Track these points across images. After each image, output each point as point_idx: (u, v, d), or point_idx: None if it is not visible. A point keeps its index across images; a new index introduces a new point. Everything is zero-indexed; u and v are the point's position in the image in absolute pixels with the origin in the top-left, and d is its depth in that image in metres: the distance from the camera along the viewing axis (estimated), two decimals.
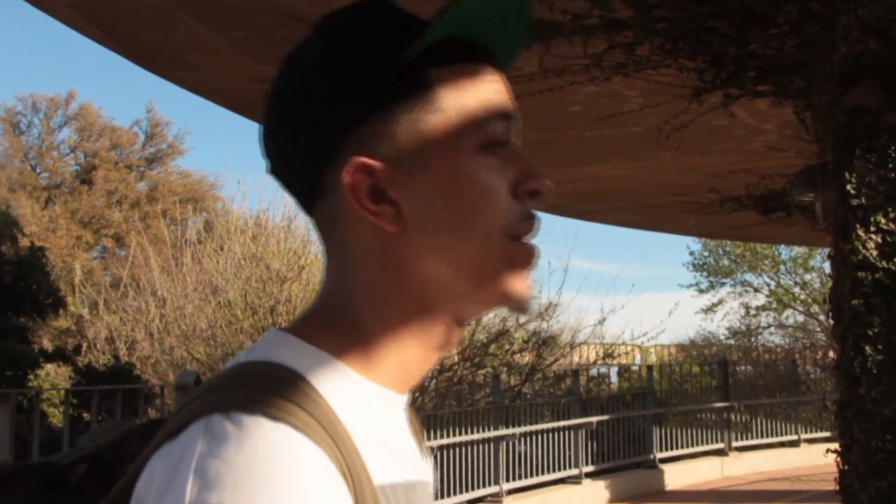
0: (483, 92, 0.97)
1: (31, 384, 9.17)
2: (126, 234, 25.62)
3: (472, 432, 10.51)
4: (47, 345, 13.16)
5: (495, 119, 0.96)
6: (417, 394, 10.77)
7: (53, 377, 11.10)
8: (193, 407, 0.86)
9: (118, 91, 56.66)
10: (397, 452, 0.98)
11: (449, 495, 10.02)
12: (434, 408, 10.67)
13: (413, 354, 0.97)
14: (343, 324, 0.96)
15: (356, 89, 0.94)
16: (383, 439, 0.95)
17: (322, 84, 0.95)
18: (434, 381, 12.49)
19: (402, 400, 1.00)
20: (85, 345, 15.24)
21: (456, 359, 14.46)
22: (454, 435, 10.25)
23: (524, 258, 0.97)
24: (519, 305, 0.97)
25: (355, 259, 0.96)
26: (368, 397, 0.94)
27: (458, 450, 10.25)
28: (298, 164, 0.97)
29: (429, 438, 9.84)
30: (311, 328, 0.96)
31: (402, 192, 0.94)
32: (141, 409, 7.65)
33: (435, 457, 9.81)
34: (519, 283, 0.97)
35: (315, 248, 14.85)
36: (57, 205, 27.79)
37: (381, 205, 0.94)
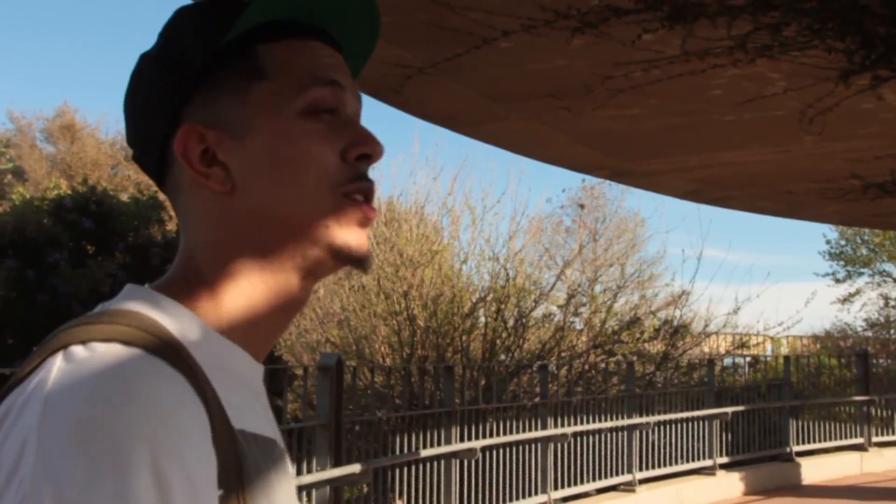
0: (309, 62, 1.04)
1: None
2: None
3: (604, 420, 10.48)
4: None
5: (319, 85, 1.03)
6: (550, 381, 10.76)
7: None
8: (44, 347, 0.89)
9: None
10: (255, 408, 1.02)
11: (581, 482, 10.02)
12: (566, 394, 10.64)
13: (261, 310, 1.02)
14: (194, 280, 1.01)
15: (186, 64, 1.02)
16: (240, 390, 0.99)
17: (159, 63, 1.05)
18: (566, 367, 12.46)
19: (258, 367, 1.05)
20: None
21: (585, 346, 14.42)
22: (586, 422, 10.23)
23: (354, 214, 1.02)
24: (353, 259, 1.03)
25: (197, 221, 1.04)
26: (221, 349, 0.99)
27: (590, 437, 10.23)
28: (147, 141, 1.06)
29: (561, 425, 9.86)
30: (167, 286, 1.01)
31: (230, 155, 1.01)
32: (284, 389, 7.86)
33: (568, 444, 9.83)
34: (352, 238, 1.02)
35: (447, 235, 14.96)
36: None
37: (212, 167, 1.01)
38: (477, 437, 8.83)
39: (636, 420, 10.71)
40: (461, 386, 8.88)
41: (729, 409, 11.93)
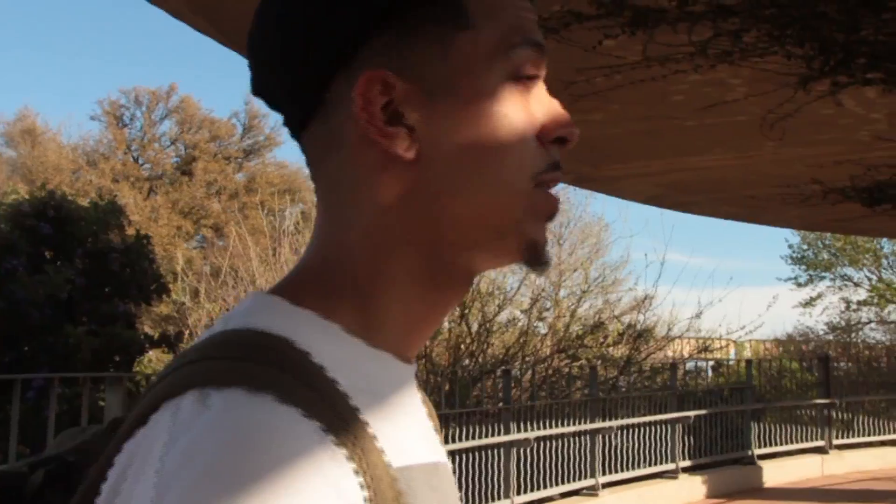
0: (517, 14, 0.85)
1: (136, 369, 9.42)
2: (225, 225, 26.08)
3: (567, 424, 10.49)
4: (150, 330, 13.49)
5: (528, 45, 0.84)
6: (514, 385, 10.77)
7: (156, 363, 11.37)
8: (159, 389, 0.73)
9: (216, 84, 57.69)
10: (412, 430, 0.85)
11: (544, 487, 10.02)
12: (529, 398, 10.64)
13: (418, 314, 0.84)
14: (337, 279, 0.82)
15: None
16: (394, 415, 0.81)
17: None
18: (529, 372, 12.47)
19: (411, 369, 0.87)
20: (186, 332, 15.56)
21: (549, 350, 14.45)
22: (550, 427, 10.24)
23: (548, 209, 0.85)
24: (537, 260, 0.85)
25: (356, 194, 0.83)
26: (371, 365, 0.81)
27: (553, 442, 10.24)
28: (298, 75, 0.83)
29: (524, 430, 9.85)
30: (299, 288, 0.82)
31: (420, 116, 0.81)
32: None
33: (531, 449, 9.83)
34: (540, 236, 0.85)
35: None
36: (158, 195, 28.44)
37: (396, 126, 0.80)
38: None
39: (599, 424, 10.73)
40: (425, 391, 8.82)
41: (691, 413, 11.99)
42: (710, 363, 15.70)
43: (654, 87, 6.44)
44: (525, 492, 9.77)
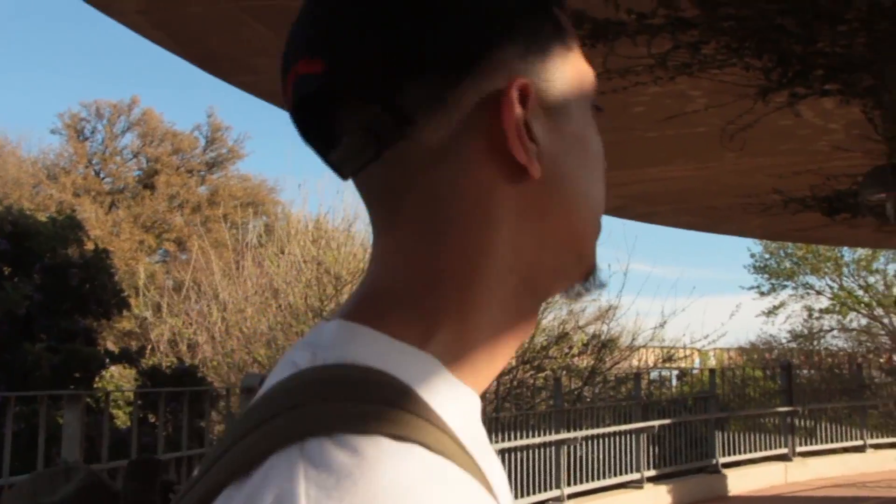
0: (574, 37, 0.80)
1: (97, 385, 9.33)
2: (188, 239, 25.93)
3: (532, 436, 10.48)
4: (112, 346, 13.37)
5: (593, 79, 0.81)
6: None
7: (118, 379, 11.27)
8: (265, 432, 0.61)
9: (178, 97, 57.39)
10: (498, 469, 0.76)
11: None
12: (494, 411, 10.63)
13: (499, 346, 0.75)
14: (428, 304, 0.72)
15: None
16: (492, 458, 0.74)
17: None
18: (494, 384, 12.46)
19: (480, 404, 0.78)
20: (148, 347, 15.45)
21: (514, 362, 14.46)
22: (515, 438, 10.23)
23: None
24: (598, 281, 0.81)
25: (459, 211, 0.73)
26: (466, 403, 0.72)
27: (518, 453, 10.23)
28: (404, 65, 0.71)
29: (492, 442, 9.83)
30: (383, 315, 0.71)
31: (543, 133, 0.74)
32: (207, 411, 7.73)
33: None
34: (598, 257, 0.81)
35: None
36: (120, 209, 28.22)
37: (531, 143, 0.72)
38: None
39: (564, 435, 10.73)
40: None
41: (656, 423, 12.01)
42: (675, 372, 15.77)
43: (614, 99, 6.47)
44: None
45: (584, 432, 11.07)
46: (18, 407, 6.86)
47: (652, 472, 11.93)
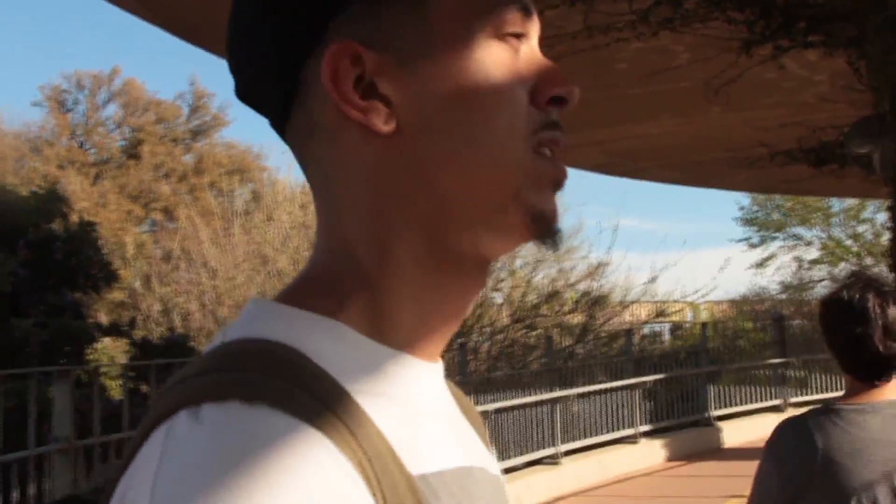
0: None
1: (88, 358, 9.29)
2: (175, 208, 25.82)
3: (526, 395, 10.51)
4: (104, 318, 13.33)
5: (510, 3, 0.77)
6: (470, 357, 10.77)
7: (110, 350, 11.24)
8: (155, 410, 0.67)
9: (160, 65, 57.00)
10: (438, 433, 0.77)
11: (506, 458, 10.03)
12: (487, 371, 10.65)
13: (432, 305, 0.77)
14: (340, 274, 0.75)
15: None
16: (414, 418, 0.74)
17: None
18: (487, 343, 12.48)
19: (434, 368, 0.79)
20: (140, 317, 15.42)
21: (507, 321, 14.47)
22: (509, 398, 10.25)
23: (550, 174, 0.77)
24: (547, 234, 0.77)
25: (342, 178, 0.76)
26: (385, 365, 0.74)
27: (513, 413, 10.26)
28: (274, 59, 0.77)
29: (483, 402, 9.85)
30: (303, 289, 0.76)
31: (396, 86, 0.75)
32: None
33: (491, 420, 9.83)
34: (547, 206, 0.77)
35: None
36: (106, 180, 28.07)
37: (370, 100, 0.74)
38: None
39: (558, 393, 10.76)
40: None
41: (648, 378, 12.06)
42: (667, 326, 15.81)
43: (597, 56, 6.41)
44: None
45: (578, 389, 11.11)
46: (9, 384, 6.83)
47: (646, 427, 11.99)
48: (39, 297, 9.00)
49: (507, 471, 10.03)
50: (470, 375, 10.00)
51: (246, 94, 0.82)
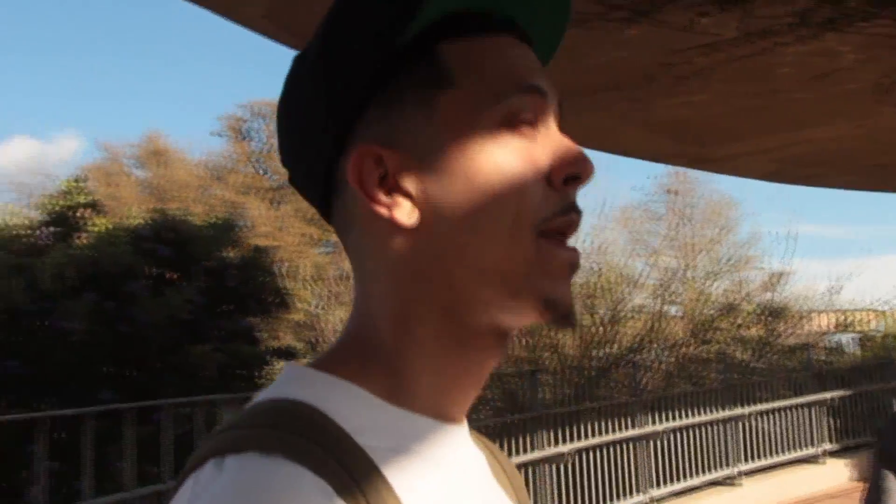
0: (503, 63, 0.85)
1: (258, 382, 9.53)
2: None
3: (703, 413, 10.21)
4: (289, 339, 13.67)
5: (518, 91, 0.83)
6: (644, 374, 10.53)
7: None
8: (191, 459, 0.78)
9: None
10: (454, 487, 0.84)
11: (683, 479, 9.77)
12: (663, 388, 10.40)
13: (450, 375, 0.85)
14: (366, 347, 0.84)
15: (356, 69, 0.84)
16: (428, 472, 0.82)
17: (322, 68, 0.86)
18: (661, 361, 12.21)
19: (455, 429, 0.87)
20: (320, 338, 15.76)
21: (682, 335, 14.10)
22: (683, 417, 9.98)
23: (562, 261, 0.83)
24: (559, 318, 0.83)
25: (372, 265, 0.85)
26: (401, 425, 0.82)
27: (688, 432, 9.98)
28: (311, 163, 0.88)
29: (657, 422, 9.62)
30: (334, 359, 0.85)
31: (416, 182, 0.82)
32: None
33: (665, 440, 9.58)
34: (557, 291, 0.82)
35: None
36: (285, 204, 28.94)
37: (394, 196, 0.83)
38: (567, 441, 8.65)
39: (735, 411, 10.41)
40: (558, 385, 8.74)
41: (832, 394, 11.53)
42: (854, 336, 15.11)
43: (757, 63, 6.17)
44: (661, 485, 9.54)
45: (756, 407, 10.72)
46: (182, 410, 7.06)
47: (831, 446, 11.47)
48: (216, 323, 9.32)
49: (685, 492, 9.76)
50: (641, 393, 9.77)
51: (295, 186, 0.93)
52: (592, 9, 5.35)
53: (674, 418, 9.86)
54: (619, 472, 9.09)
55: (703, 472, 9.98)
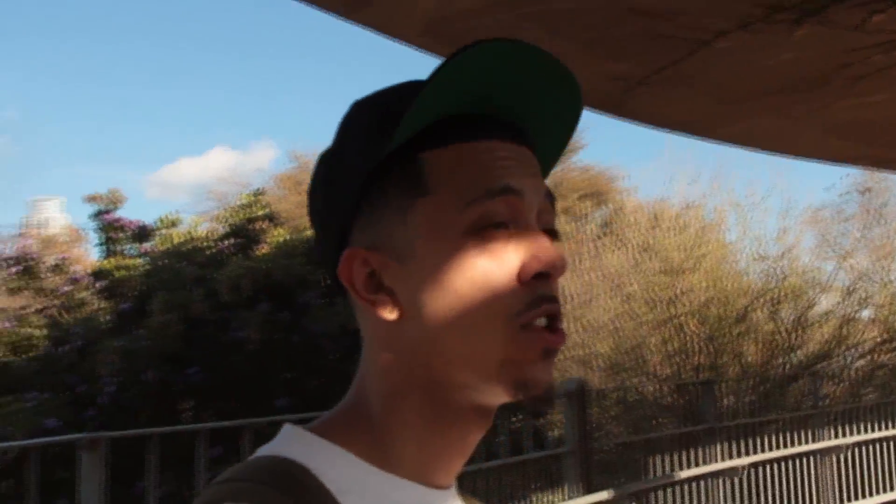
0: (477, 169, 0.91)
1: None
2: None
3: (894, 426, 9.70)
4: None
5: (488, 197, 0.90)
6: (828, 384, 10.09)
7: None
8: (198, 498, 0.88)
9: None
10: None
11: (869, 495, 9.31)
12: (852, 398, 9.95)
13: (434, 446, 0.94)
14: (359, 417, 0.94)
15: (347, 179, 0.94)
16: None
17: (325, 173, 0.98)
18: (849, 369, 11.68)
19: (440, 493, 0.95)
20: None
21: (874, 341, 13.42)
22: (874, 430, 9.51)
23: (533, 346, 0.89)
24: (533, 399, 0.90)
25: (367, 346, 0.96)
26: (383, 488, 0.91)
27: (878, 445, 9.51)
28: (322, 251, 0.98)
29: (844, 434, 9.21)
30: (329, 424, 0.95)
31: (396, 280, 0.92)
32: (525, 416, 7.76)
33: (850, 455, 9.14)
34: (532, 373, 0.90)
35: (713, 238, 14.37)
36: None
37: (378, 293, 0.92)
38: (743, 454, 8.37)
39: None
40: (739, 394, 8.48)
41: None
42: None
43: None
44: (846, 502, 9.13)
45: None
46: None
47: None
48: None
49: None
50: (824, 404, 9.36)
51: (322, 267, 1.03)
52: (756, 11, 5.23)
53: (861, 431, 9.41)
54: (799, 487, 8.73)
55: (893, 489, 9.48)
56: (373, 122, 0.93)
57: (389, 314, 0.92)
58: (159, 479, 4.89)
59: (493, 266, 0.89)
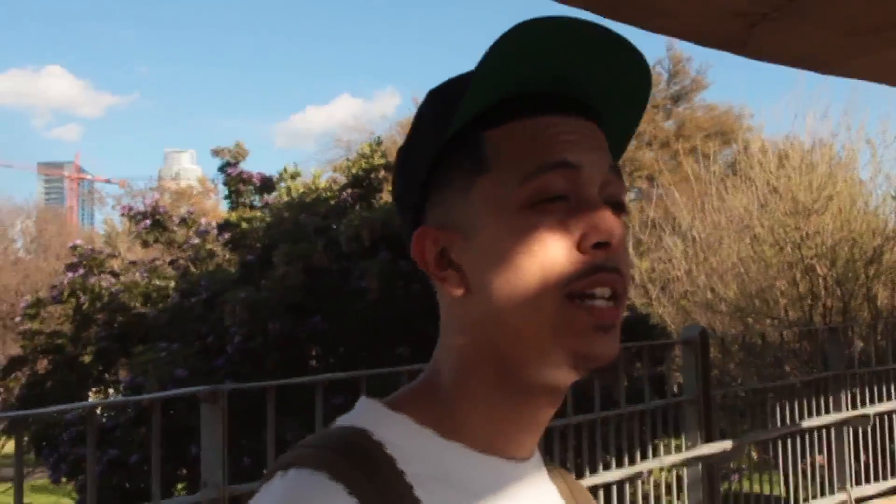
0: (535, 145, 0.95)
1: None
2: (658, 174, 25.96)
3: None
4: None
5: (544, 171, 0.93)
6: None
7: None
8: (273, 466, 0.94)
9: (639, 33, 57.57)
10: None
11: None
12: None
13: (503, 420, 0.98)
14: (431, 390, 0.99)
15: (420, 161, 1.00)
16: (461, 498, 0.95)
17: (405, 160, 1.04)
18: None
19: (512, 465, 0.99)
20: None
21: None
22: None
23: (591, 321, 0.92)
24: (595, 372, 0.93)
25: (443, 321, 1.01)
26: (450, 456, 0.96)
27: None
28: (403, 228, 1.05)
29: None
30: (403, 397, 1.01)
31: (463, 256, 0.97)
32: (667, 358, 7.65)
33: None
34: (589, 348, 0.92)
35: (843, 176, 13.86)
36: None
37: (448, 269, 0.98)
38: (873, 402, 8.10)
39: None
40: (871, 340, 8.18)
41: None
42: None
43: None
44: None
45: None
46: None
47: None
48: None
49: None
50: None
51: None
52: None
53: None
54: None
55: None
56: (439, 107, 0.98)
57: (457, 290, 0.96)
58: (280, 429, 5.02)
59: (549, 238, 0.92)
